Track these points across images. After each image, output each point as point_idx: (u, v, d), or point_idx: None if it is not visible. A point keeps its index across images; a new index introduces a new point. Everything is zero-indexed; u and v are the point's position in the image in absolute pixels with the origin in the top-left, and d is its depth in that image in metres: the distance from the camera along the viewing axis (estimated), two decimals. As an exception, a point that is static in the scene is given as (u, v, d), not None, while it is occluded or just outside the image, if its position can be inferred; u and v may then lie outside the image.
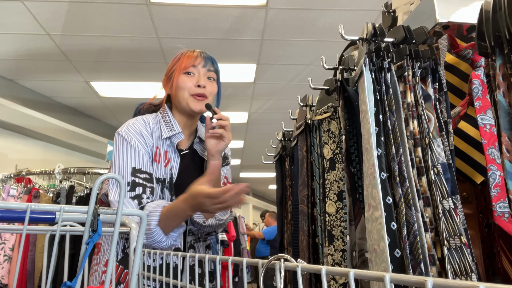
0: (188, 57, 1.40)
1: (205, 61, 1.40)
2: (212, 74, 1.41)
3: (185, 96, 1.37)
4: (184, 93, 1.37)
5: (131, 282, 0.66)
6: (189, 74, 1.38)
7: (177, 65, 1.40)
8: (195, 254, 0.65)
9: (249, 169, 10.26)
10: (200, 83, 1.36)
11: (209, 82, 1.40)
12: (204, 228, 1.38)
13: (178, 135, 1.37)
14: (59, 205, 0.65)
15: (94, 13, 3.50)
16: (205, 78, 1.39)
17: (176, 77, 1.38)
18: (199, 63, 1.39)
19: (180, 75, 1.38)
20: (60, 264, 2.61)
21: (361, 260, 0.84)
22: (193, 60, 1.39)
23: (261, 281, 0.47)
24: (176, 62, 1.41)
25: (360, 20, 3.64)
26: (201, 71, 1.39)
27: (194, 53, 1.42)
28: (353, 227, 0.88)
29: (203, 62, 1.39)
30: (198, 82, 1.36)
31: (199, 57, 1.40)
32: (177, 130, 1.38)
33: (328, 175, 1.03)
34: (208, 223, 1.36)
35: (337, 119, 1.07)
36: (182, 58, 1.40)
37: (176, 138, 1.37)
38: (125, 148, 1.29)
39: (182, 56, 1.41)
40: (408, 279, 0.33)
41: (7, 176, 3.58)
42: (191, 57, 1.40)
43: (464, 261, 0.72)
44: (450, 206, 0.75)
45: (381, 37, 0.89)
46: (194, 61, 1.38)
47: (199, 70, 1.38)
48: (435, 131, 0.81)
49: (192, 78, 1.37)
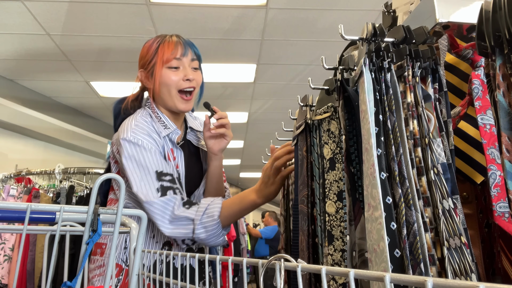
0: (168, 46, 1.30)
1: (186, 50, 1.31)
2: (195, 63, 1.33)
3: (172, 93, 1.28)
4: (170, 90, 1.28)
5: (131, 282, 0.66)
6: (174, 69, 1.29)
7: (157, 57, 1.30)
8: (195, 254, 0.65)
9: (249, 169, 10.26)
10: (189, 76, 1.29)
11: (194, 72, 1.32)
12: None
13: (175, 132, 1.32)
14: (59, 205, 0.65)
15: (94, 13, 3.50)
16: (191, 70, 1.31)
17: (158, 71, 1.29)
18: (180, 54, 1.29)
19: (163, 70, 1.28)
20: (60, 264, 2.61)
21: (361, 260, 0.84)
22: (174, 50, 1.29)
23: (261, 281, 0.47)
24: (155, 53, 1.30)
25: (360, 20, 3.64)
26: (185, 63, 1.30)
27: (172, 39, 1.32)
28: (353, 227, 0.88)
29: (184, 50, 1.30)
30: (186, 76, 1.28)
31: (180, 45, 1.30)
32: (172, 127, 1.31)
33: (328, 175, 1.03)
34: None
35: (337, 119, 1.07)
36: (161, 48, 1.30)
37: (174, 134, 1.31)
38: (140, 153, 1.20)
39: (160, 45, 1.31)
40: (408, 279, 0.33)
41: (7, 176, 3.59)
42: (171, 46, 1.30)
43: (464, 261, 0.72)
44: (450, 206, 0.75)
45: (381, 37, 0.89)
46: (175, 52, 1.29)
47: (183, 61, 1.30)
48: (435, 131, 0.81)
49: (177, 72, 1.29)
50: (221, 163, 1.37)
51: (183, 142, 1.39)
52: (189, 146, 1.40)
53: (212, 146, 1.34)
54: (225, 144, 1.34)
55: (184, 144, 1.39)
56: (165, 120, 1.33)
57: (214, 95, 5.33)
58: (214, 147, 1.34)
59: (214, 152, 1.34)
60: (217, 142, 1.34)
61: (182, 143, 1.39)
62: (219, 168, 1.37)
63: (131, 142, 1.21)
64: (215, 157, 1.34)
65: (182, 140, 1.39)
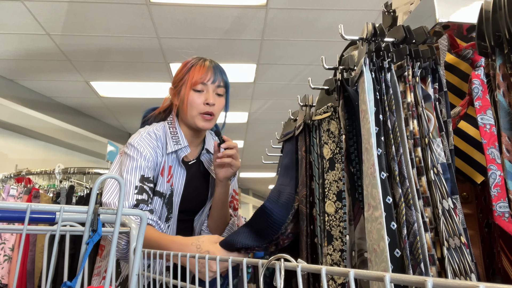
0: (199, 71, 1.36)
1: (215, 76, 1.37)
2: (221, 90, 1.39)
3: (193, 114, 1.35)
4: (192, 111, 1.35)
5: (131, 282, 0.66)
6: (198, 92, 1.36)
7: (187, 78, 1.37)
8: (195, 254, 0.65)
9: (249, 169, 10.26)
10: (209, 101, 1.34)
11: (217, 98, 1.38)
12: None
13: (184, 149, 1.36)
14: (59, 205, 0.65)
15: (94, 13, 3.50)
16: (214, 95, 1.37)
17: (186, 93, 1.36)
18: (209, 79, 1.36)
19: (190, 92, 1.35)
20: (60, 264, 2.61)
21: (360, 260, 0.84)
22: (204, 75, 1.36)
23: (261, 281, 0.47)
24: (186, 74, 1.38)
25: (360, 20, 3.64)
26: (210, 88, 1.36)
27: (205, 65, 1.38)
28: (352, 227, 0.88)
29: (213, 77, 1.37)
30: (207, 100, 1.34)
31: (210, 72, 1.37)
32: (183, 144, 1.36)
33: (327, 175, 1.03)
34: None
35: (337, 119, 1.07)
36: (192, 71, 1.37)
37: (182, 152, 1.36)
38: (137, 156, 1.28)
39: (192, 67, 1.38)
40: (408, 279, 0.33)
41: (7, 176, 3.58)
42: (202, 71, 1.36)
43: (463, 261, 0.72)
44: (449, 206, 0.75)
45: (381, 37, 0.89)
46: (204, 77, 1.36)
47: (209, 86, 1.36)
48: (434, 131, 0.81)
49: (201, 95, 1.35)
50: (226, 191, 1.39)
51: (195, 162, 1.44)
52: (200, 166, 1.45)
53: (218, 173, 1.36)
54: (230, 173, 1.36)
55: (195, 164, 1.43)
56: (180, 136, 1.38)
57: (214, 95, 5.33)
58: (219, 174, 1.36)
59: (219, 179, 1.36)
60: (223, 170, 1.36)
61: (193, 162, 1.43)
62: (223, 195, 1.38)
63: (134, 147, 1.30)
64: (220, 184, 1.37)
65: (194, 159, 1.44)
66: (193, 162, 1.42)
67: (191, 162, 1.42)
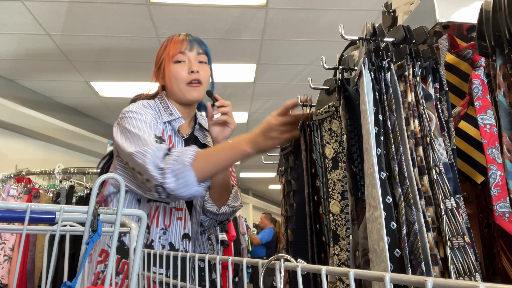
0: (175, 42, 1.35)
1: (192, 45, 1.35)
2: (202, 57, 1.37)
3: (180, 86, 1.32)
4: (178, 83, 1.32)
5: (131, 282, 0.66)
6: (179, 62, 1.33)
7: (165, 53, 1.35)
8: (195, 254, 0.65)
9: (249, 169, 10.26)
10: (193, 68, 1.32)
11: (201, 66, 1.35)
12: (218, 216, 1.36)
13: (178, 120, 1.34)
14: (59, 205, 0.65)
15: (94, 13, 3.50)
16: (196, 63, 1.34)
17: (166, 67, 1.33)
18: (186, 48, 1.34)
19: (171, 64, 1.33)
20: (60, 264, 2.61)
21: (364, 260, 0.84)
22: (180, 45, 1.34)
23: (261, 281, 0.47)
24: (164, 51, 1.36)
25: (360, 20, 3.64)
26: (191, 57, 1.34)
27: (179, 37, 1.37)
28: (355, 227, 0.88)
29: (190, 45, 1.35)
30: (191, 68, 1.32)
31: (186, 41, 1.35)
32: (177, 115, 1.34)
33: (330, 174, 1.03)
34: (221, 211, 1.35)
35: (339, 118, 1.07)
36: (169, 45, 1.35)
37: (177, 122, 1.34)
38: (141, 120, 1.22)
39: (168, 43, 1.37)
40: (408, 279, 0.33)
41: (7, 176, 3.58)
42: (177, 42, 1.35)
43: (467, 260, 0.72)
44: (452, 206, 0.75)
45: (381, 37, 0.89)
46: (181, 46, 1.34)
47: (189, 55, 1.34)
48: (436, 131, 0.81)
49: (183, 65, 1.33)
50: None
51: (189, 137, 1.40)
52: (195, 142, 1.41)
53: (217, 135, 1.34)
54: (228, 132, 1.34)
55: (189, 139, 1.40)
56: (172, 108, 1.35)
57: (214, 95, 5.33)
58: (218, 136, 1.34)
59: (217, 140, 1.34)
60: (220, 131, 1.34)
61: (187, 136, 1.40)
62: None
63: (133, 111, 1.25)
64: None
65: (188, 135, 1.40)
66: (188, 137, 1.39)
67: (185, 137, 1.38)
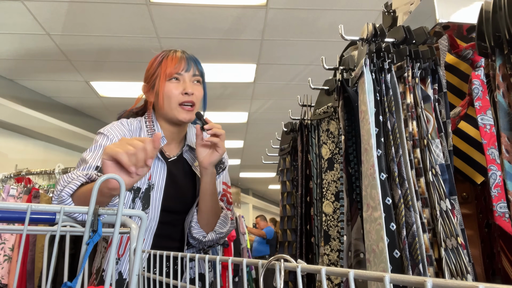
0: (172, 61, 1.31)
1: (189, 65, 1.32)
2: (197, 78, 1.34)
3: (172, 106, 1.29)
4: (170, 103, 1.29)
5: (131, 282, 0.67)
6: (175, 80, 1.30)
7: (159, 70, 1.31)
8: (195, 255, 0.65)
9: (249, 169, 10.26)
10: (188, 90, 1.29)
11: (195, 86, 1.32)
12: (205, 243, 1.32)
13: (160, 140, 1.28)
14: (59, 205, 0.65)
15: (94, 13, 3.50)
16: (191, 84, 1.31)
17: (161, 85, 1.30)
18: (183, 69, 1.31)
19: (165, 83, 1.30)
20: (60, 264, 2.61)
21: (356, 260, 0.84)
22: (178, 65, 1.31)
23: (261, 281, 0.47)
24: (158, 67, 1.32)
25: (360, 20, 3.64)
26: (186, 77, 1.31)
27: (176, 55, 1.33)
28: (349, 228, 0.88)
29: (187, 66, 1.32)
30: (185, 89, 1.29)
31: (183, 61, 1.32)
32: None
33: (326, 175, 1.03)
34: (208, 238, 1.30)
35: (337, 119, 1.07)
36: (165, 62, 1.32)
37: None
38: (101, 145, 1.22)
39: (164, 59, 1.33)
40: (408, 279, 0.33)
41: (7, 176, 3.58)
42: (175, 61, 1.31)
43: (460, 261, 0.72)
44: (447, 207, 0.75)
45: (382, 37, 0.89)
46: (178, 66, 1.31)
47: (184, 76, 1.31)
48: (433, 132, 0.81)
49: (178, 85, 1.30)
50: (213, 180, 1.29)
51: (176, 159, 1.36)
52: (184, 165, 1.37)
53: (203, 159, 1.26)
54: (216, 157, 1.26)
55: (177, 161, 1.36)
56: (156, 127, 1.33)
57: (214, 95, 5.33)
58: (204, 160, 1.26)
59: (205, 166, 1.26)
60: (208, 155, 1.26)
61: (175, 158, 1.35)
62: (210, 185, 1.29)
63: (104, 134, 1.26)
64: (206, 172, 1.27)
65: (175, 156, 1.36)
66: (174, 159, 1.35)
67: (171, 159, 1.34)
